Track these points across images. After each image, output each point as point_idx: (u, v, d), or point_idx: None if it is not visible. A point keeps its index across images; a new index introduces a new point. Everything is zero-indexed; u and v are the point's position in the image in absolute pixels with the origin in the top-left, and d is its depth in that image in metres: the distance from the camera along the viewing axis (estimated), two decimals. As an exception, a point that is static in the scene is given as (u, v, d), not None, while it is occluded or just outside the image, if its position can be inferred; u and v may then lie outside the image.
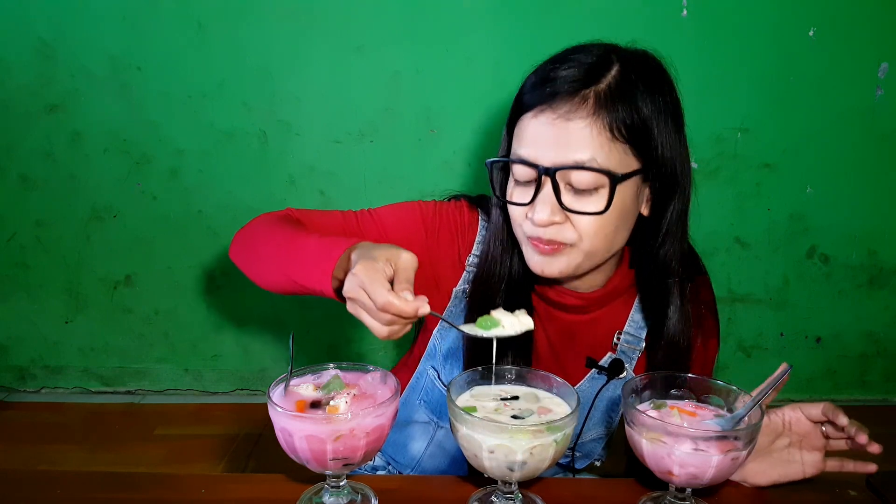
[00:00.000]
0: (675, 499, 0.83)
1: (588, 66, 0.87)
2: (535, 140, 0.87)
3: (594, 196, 0.86)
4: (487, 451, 0.75)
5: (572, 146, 0.85)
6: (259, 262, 0.96)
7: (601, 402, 1.06)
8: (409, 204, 1.06)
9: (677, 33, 1.98)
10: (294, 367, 0.82)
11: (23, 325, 2.31)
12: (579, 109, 0.85)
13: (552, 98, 0.86)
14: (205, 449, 2.09)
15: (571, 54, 0.90)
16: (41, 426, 2.19)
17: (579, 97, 0.85)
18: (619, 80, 0.86)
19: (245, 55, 2.01)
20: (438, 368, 1.07)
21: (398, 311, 0.74)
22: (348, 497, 0.84)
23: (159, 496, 0.87)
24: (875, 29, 2.01)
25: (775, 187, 2.16)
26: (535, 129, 0.87)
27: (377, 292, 0.74)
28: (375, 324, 0.77)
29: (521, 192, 0.91)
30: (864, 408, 2.33)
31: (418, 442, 1.11)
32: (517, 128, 0.91)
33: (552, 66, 0.89)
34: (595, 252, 0.91)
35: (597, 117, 0.84)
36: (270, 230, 0.96)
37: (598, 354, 1.04)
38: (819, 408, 0.85)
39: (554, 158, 0.85)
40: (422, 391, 1.09)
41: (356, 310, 0.78)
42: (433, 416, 1.10)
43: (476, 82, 2.03)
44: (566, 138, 0.85)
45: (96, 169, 2.12)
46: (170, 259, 2.22)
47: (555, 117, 0.85)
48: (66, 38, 2.00)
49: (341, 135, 2.09)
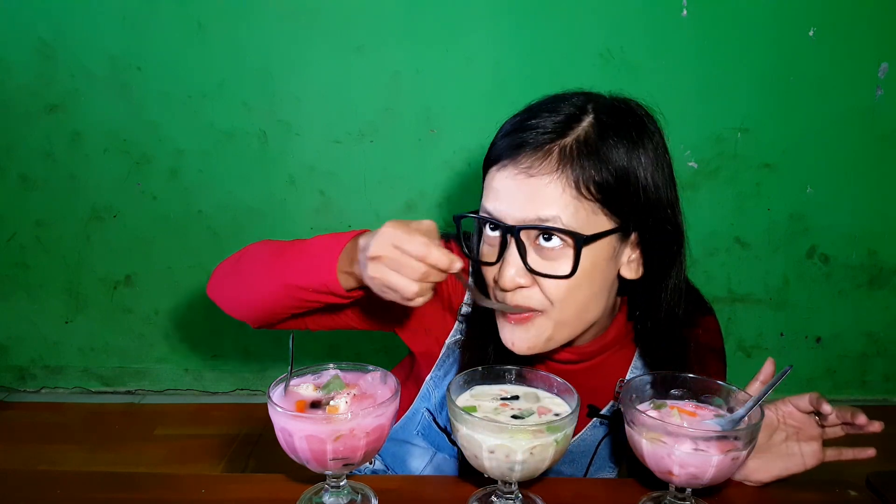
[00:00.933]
0: (675, 499, 0.83)
1: (559, 119, 0.82)
2: (498, 195, 0.82)
3: (562, 258, 0.80)
4: (487, 451, 0.75)
5: (536, 203, 0.79)
6: (249, 281, 0.93)
7: (604, 448, 1.03)
8: None
9: (677, 33, 1.98)
10: (294, 367, 0.82)
11: (23, 325, 2.31)
12: (543, 164, 0.79)
13: (517, 151, 0.81)
14: (205, 449, 2.09)
15: (548, 104, 0.85)
16: (41, 426, 2.19)
17: (543, 151, 0.80)
18: (589, 134, 0.80)
19: (245, 55, 2.01)
20: (434, 413, 1.04)
21: (435, 260, 0.73)
22: (348, 497, 0.84)
23: (159, 496, 0.87)
24: (875, 29, 2.01)
25: (775, 187, 2.16)
26: (500, 184, 0.82)
27: (414, 240, 0.73)
28: (405, 281, 0.74)
29: (490, 251, 0.85)
30: (865, 408, 2.31)
31: (417, 460, 1.09)
32: (486, 180, 0.85)
33: (524, 116, 0.85)
34: (566, 321, 0.84)
35: (561, 173, 0.78)
36: (256, 251, 0.94)
37: (600, 402, 0.99)
38: (806, 398, 0.84)
39: (518, 215, 0.80)
40: (418, 426, 1.06)
41: (382, 271, 0.75)
42: (431, 447, 1.08)
43: (476, 82, 2.03)
44: (531, 195, 0.79)
45: (96, 169, 2.12)
46: (170, 259, 2.22)
47: (516, 172, 0.80)
48: (66, 38, 2.00)
49: (341, 135, 2.09)
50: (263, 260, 0.91)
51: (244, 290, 0.94)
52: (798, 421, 0.86)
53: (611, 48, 1.97)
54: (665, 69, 2.01)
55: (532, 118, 0.83)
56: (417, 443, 1.08)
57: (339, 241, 0.83)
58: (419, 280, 0.74)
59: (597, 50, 1.96)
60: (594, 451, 1.01)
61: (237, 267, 0.96)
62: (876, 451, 0.87)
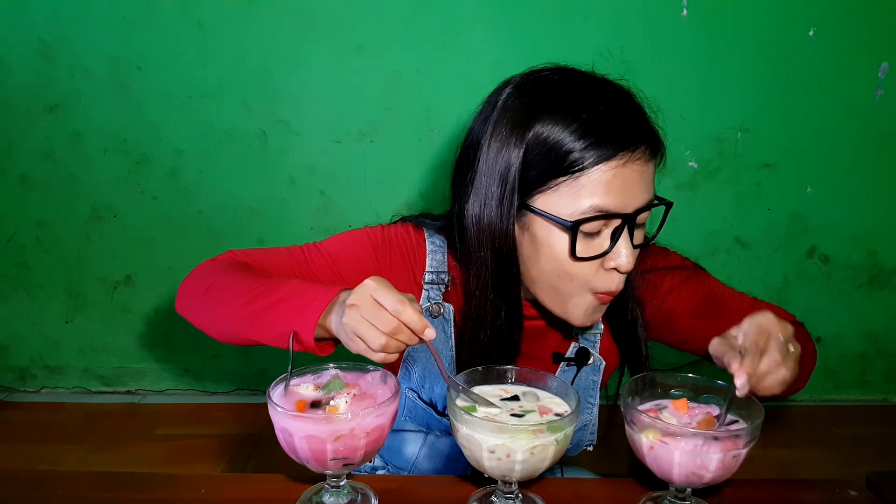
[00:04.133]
0: (675, 499, 0.83)
1: (624, 95, 0.89)
2: (622, 188, 0.83)
3: (640, 228, 0.89)
4: (487, 451, 0.75)
5: (651, 185, 0.87)
6: (216, 321, 0.92)
7: (578, 388, 1.06)
8: (355, 232, 1.02)
9: (677, 33, 1.98)
10: (294, 367, 0.82)
11: (23, 325, 2.31)
12: (651, 146, 0.86)
13: (633, 142, 0.84)
14: (205, 449, 2.09)
15: (595, 89, 0.88)
16: (41, 426, 2.19)
17: (647, 132, 0.86)
18: (642, 101, 0.90)
19: (245, 55, 2.01)
20: (417, 390, 1.06)
21: (408, 319, 0.73)
22: (348, 497, 0.84)
23: (159, 496, 0.87)
24: (875, 29, 2.01)
25: (775, 187, 2.16)
26: (624, 177, 0.83)
27: (391, 296, 0.74)
28: (374, 332, 0.74)
29: (586, 245, 0.86)
30: (864, 408, 2.33)
31: (412, 445, 1.11)
32: (588, 178, 0.83)
33: (594, 107, 0.85)
34: None
35: (651, 148, 0.86)
36: (223, 288, 0.91)
37: (562, 348, 1.05)
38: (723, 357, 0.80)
39: (638, 203, 0.85)
40: (405, 410, 1.07)
41: (355, 319, 0.75)
42: (422, 428, 1.10)
43: (476, 82, 2.01)
44: (650, 179, 0.87)
45: (96, 169, 2.12)
46: (170, 259, 2.22)
47: (641, 160, 0.84)
48: (66, 38, 2.00)
49: (341, 135, 2.09)
50: (230, 305, 0.88)
51: (212, 328, 0.94)
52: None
53: (611, 48, 1.97)
54: (665, 69, 2.01)
55: (601, 104, 0.85)
56: (408, 427, 1.09)
57: (320, 297, 0.81)
58: (388, 334, 0.74)
59: (597, 50, 1.96)
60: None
61: (205, 300, 0.93)
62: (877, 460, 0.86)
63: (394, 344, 0.75)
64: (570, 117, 0.84)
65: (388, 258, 1.00)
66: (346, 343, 0.79)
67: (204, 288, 0.93)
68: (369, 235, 1.02)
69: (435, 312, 1.00)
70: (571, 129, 0.83)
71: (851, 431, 2.16)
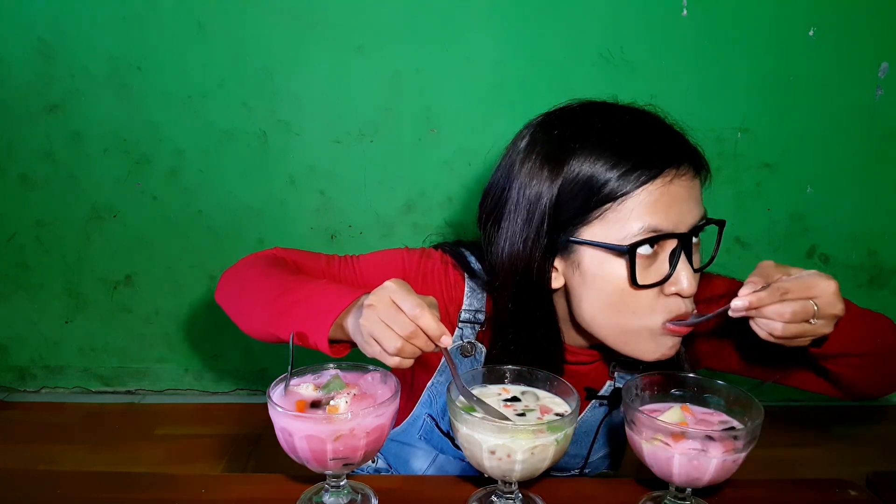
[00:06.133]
0: (675, 499, 0.83)
1: (655, 117, 0.88)
2: (671, 206, 0.81)
3: (695, 251, 0.86)
4: (488, 451, 0.75)
5: (700, 201, 0.85)
6: (246, 315, 0.93)
7: (605, 427, 1.05)
8: (392, 253, 1.01)
9: (677, 33, 1.98)
10: (294, 367, 0.82)
11: (23, 325, 2.31)
12: (693, 162, 0.85)
13: (676, 158, 0.83)
14: (205, 449, 2.09)
15: (630, 125, 0.86)
16: (41, 426, 2.19)
17: (689, 148, 0.86)
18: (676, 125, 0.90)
19: (245, 55, 2.01)
20: (437, 419, 1.04)
21: (426, 324, 0.72)
22: (348, 497, 0.84)
23: (159, 496, 0.87)
24: (875, 29, 2.01)
25: (775, 187, 2.16)
26: (673, 194, 0.82)
27: (410, 299, 0.72)
28: (391, 334, 0.73)
29: (645, 272, 0.82)
30: (865, 408, 2.33)
31: (420, 461, 1.10)
32: (638, 198, 0.81)
33: (632, 131, 0.85)
34: None
35: (695, 163, 0.86)
36: (256, 285, 0.92)
37: (596, 384, 1.01)
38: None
39: (691, 220, 0.83)
40: (420, 430, 1.06)
41: (372, 320, 0.74)
42: (434, 450, 1.09)
43: (476, 82, 2.03)
44: (698, 195, 0.85)
45: (96, 169, 2.12)
46: (170, 259, 2.22)
47: (688, 176, 0.84)
48: (66, 38, 2.00)
49: (341, 135, 2.09)
50: (260, 299, 0.89)
51: (243, 320, 0.95)
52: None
53: (611, 48, 1.97)
54: (665, 69, 2.00)
55: (636, 128, 0.85)
56: (420, 446, 1.08)
57: (342, 298, 0.81)
58: (404, 338, 0.73)
59: (597, 50, 1.96)
60: (596, 430, 1.03)
61: (240, 291, 0.95)
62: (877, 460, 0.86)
63: (409, 348, 0.74)
64: (606, 144, 0.83)
65: (419, 284, 0.98)
66: (362, 346, 0.78)
67: (241, 279, 0.96)
68: (405, 259, 0.99)
69: (467, 352, 0.98)
70: (610, 156, 0.82)
71: (851, 431, 2.16)
